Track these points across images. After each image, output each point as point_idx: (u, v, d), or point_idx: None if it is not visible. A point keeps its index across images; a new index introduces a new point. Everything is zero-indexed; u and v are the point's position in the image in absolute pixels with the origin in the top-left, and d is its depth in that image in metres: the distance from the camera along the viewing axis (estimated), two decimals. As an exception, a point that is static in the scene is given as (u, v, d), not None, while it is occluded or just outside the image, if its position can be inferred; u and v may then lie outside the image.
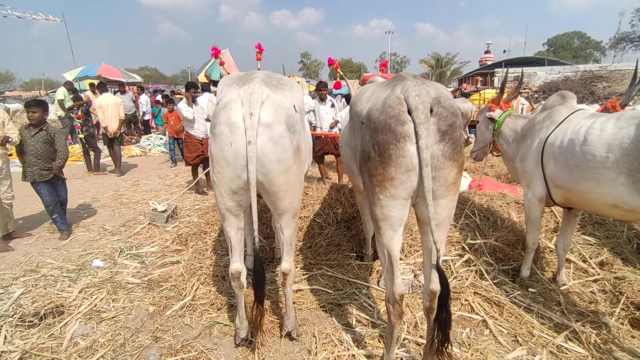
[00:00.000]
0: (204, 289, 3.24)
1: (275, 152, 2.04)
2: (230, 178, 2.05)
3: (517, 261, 3.46)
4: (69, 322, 2.78)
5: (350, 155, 2.61)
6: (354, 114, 2.30)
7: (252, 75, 2.19)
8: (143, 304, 3.05)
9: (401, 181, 1.84)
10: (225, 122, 2.00)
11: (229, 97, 2.05)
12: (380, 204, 1.92)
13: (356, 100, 2.31)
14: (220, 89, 2.24)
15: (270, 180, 2.07)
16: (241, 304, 2.42)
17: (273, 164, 2.05)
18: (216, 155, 2.04)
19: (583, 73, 18.12)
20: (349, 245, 3.89)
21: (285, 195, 2.17)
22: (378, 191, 1.91)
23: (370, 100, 2.09)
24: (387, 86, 2.05)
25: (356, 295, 3.12)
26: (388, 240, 1.98)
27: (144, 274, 3.55)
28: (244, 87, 2.05)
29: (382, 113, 1.87)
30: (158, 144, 11.15)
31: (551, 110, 2.98)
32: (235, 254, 2.30)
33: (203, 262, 3.64)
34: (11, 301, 3.01)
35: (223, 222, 2.28)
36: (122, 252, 3.99)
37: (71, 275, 3.47)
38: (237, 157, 2.00)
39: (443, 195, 1.89)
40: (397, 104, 1.83)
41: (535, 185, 2.96)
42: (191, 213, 5.33)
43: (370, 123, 1.95)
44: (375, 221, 2.00)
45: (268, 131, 2.02)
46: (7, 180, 4.22)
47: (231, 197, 2.13)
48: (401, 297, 1.99)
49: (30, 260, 3.84)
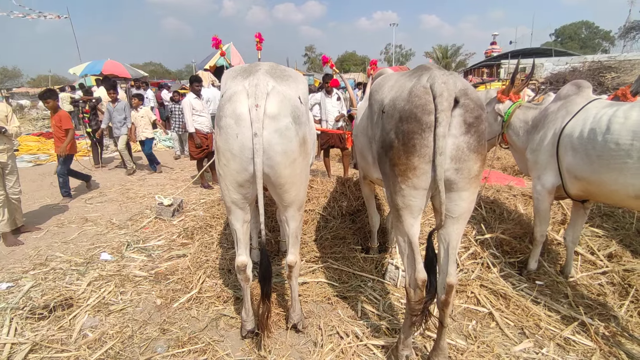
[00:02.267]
0: (210, 282, 3.26)
1: (281, 144, 2.03)
2: (236, 170, 2.05)
3: (524, 254, 3.44)
4: (78, 314, 2.82)
5: (366, 144, 2.59)
6: (374, 102, 2.28)
7: (257, 67, 2.16)
8: (150, 297, 3.08)
9: (424, 171, 1.83)
10: (231, 114, 1.98)
11: (234, 89, 2.03)
12: (402, 193, 1.92)
13: (377, 88, 2.28)
14: (224, 81, 2.22)
15: (276, 173, 2.06)
16: (247, 296, 2.43)
17: (279, 156, 2.04)
18: (222, 148, 2.04)
19: (591, 64, 17.81)
20: (354, 238, 3.89)
21: (292, 187, 2.17)
22: (400, 180, 1.90)
23: (394, 89, 2.07)
24: (412, 75, 2.03)
25: (362, 288, 3.12)
26: (409, 227, 1.99)
27: (150, 267, 3.58)
28: (249, 79, 2.03)
29: (407, 102, 1.85)
30: (164, 138, 11.19)
31: (566, 100, 2.92)
32: (241, 247, 2.31)
33: (209, 256, 3.66)
34: (21, 294, 3.05)
35: (229, 214, 2.27)
36: (130, 246, 4.03)
37: (79, 269, 3.51)
38: (243, 149, 1.99)
39: (465, 188, 1.88)
40: (424, 93, 1.82)
41: (547, 177, 2.92)
42: (197, 207, 5.35)
43: (394, 112, 1.94)
44: (396, 210, 2.00)
45: (274, 123, 2.00)
46: (13, 176, 4.25)
47: (237, 190, 2.12)
48: (423, 282, 1.99)
49: (40, 254, 3.88)
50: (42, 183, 6.90)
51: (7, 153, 4.14)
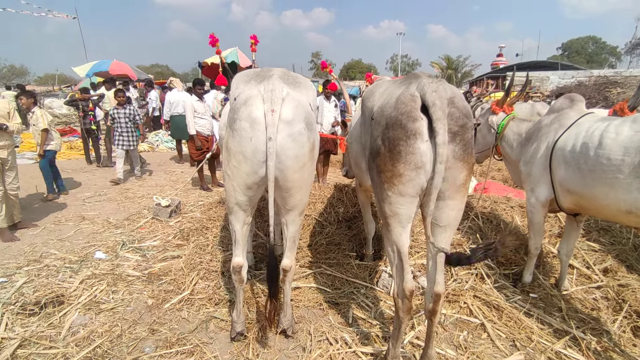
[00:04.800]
0: (203, 284, 3.25)
1: (293, 149, 2.06)
2: (246, 173, 2.07)
3: (519, 266, 3.42)
4: (68, 312, 2.82)
5: (359, 151, 2.61)
6: (365, 109, 2.31)
7: (269, 72, 2.19)
8: (142, 297, 3.07)
9: (409, 178, 1.84)
10: (246, 117, 2.01)
11: (249, 93, 2.06)
12: (389, 200, 1.92)
13: (368, 96, 2.31)
14: (235, 85, 2.24)
15: (285, 176, 2.08)
16: (240, 297, 2.44)
17: (290, 160, 2.06)
18: (234, 150, 2.05)
19: (597, 78, 17.83)
20: (349, 244, 3.88)
21: (298, 191, 2.19)
22: (387, 188, 1.91)
23: (383, 96, 2.10)
24: (401, 84, 2.05)
25: (354, 295, 3.11)
26: (397, 236, 1.98)
27: (144, 267, 3.58)
28: (264, 84, 2.06)
29: (394, 109, 1.87)
30: (166, 140, 11.24)
31: (559, 113, 2.93)
32: (238, 248, 2.32)
33: (203, 257, 3.66)
34: (14, 290, 3.06)
35: (230, 215, 2.28)
36: (125, 245, 4.03)
37: (73, 267, 3.52)
38: (256, 152, 2.01)
39: (452, 197, 1.89)
40: (410, 100, 1.83)
41: (540, 189, 2.91)
42: (195, 209, 5.36)
43: (381, 119, 1.96)
44: (384, 218, 2.01)
45: (288, 128, 2.03)
46: (12, 172, 4.29)
47: (244, 192, 2.14)
48: (411, 293, 1.99)
49: (35, 251, 3.89)
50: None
51: (8, 149, 4.17)
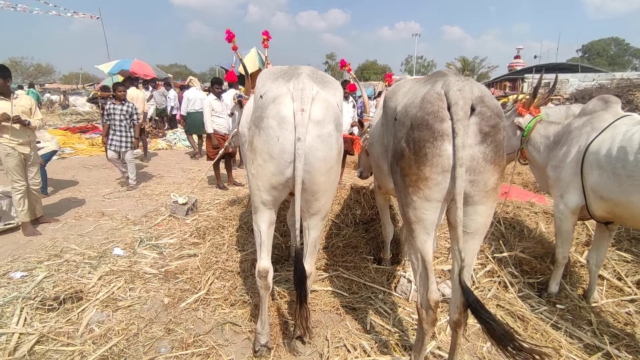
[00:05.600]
0: (219, 284, 3.23)
1: (322, 150, 1.99)
2: (272, 173, 2.01)
3: (545, 275, 3.28)
4: (86, 308, 2.83)
5: (381, 152, 2.52)
6: (388, 109, 2.23)
7: (297, 70, 2.13)
8: (158, 295, 3.06)
9: (436, 182, 1.75)
10: (274, 115, 1.95)
11: (278, 91, 1.99)
12: (414, 205, 1.84)
13: (391, 95, 2.23)
14: (262, 82, 2.17)
15: (312, 179, 2.01)
16: (265, 306, 2.35)
17: (318, 162, 2.00)
18: (260, 149, 2.00)
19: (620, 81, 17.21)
20: (366, 247, 3.80)
21: (323, 195, 2.12)
22: (411, 192, 1.83)
23: (407, 95, 2.01)
24: (426, 82, 1.97)
25: (372, 300, 3.03)
26: (421, 243, 1.90)
27: (161, 265, 3.58)
28: (293, 82, 2.00)
29: (419, 109, 1.79)
30: (183, 138, 11.36)
31: (592, 116, 2.78)
32: (264, 251, 2.24)
33: (219, 257, 3.64)
34: (34, 284, 3.09)
35: (255, 214, 2.22)
36: (142, 242, 4.05)
37: (92, 262, 3.55)
38: (283, 152, 1.95)
39: (481, 202, 1.79)
40: (437, 99, 1.75)
41: (570, 195, 2.77)
42: (211, 207, 5.37)
43: (405, 119, 1.87)
44: (408, 224, 1.92)
45: (318, 128, 1.97)
46: (35, 167, 4.37)
47: (269, 192, 2.09)
48: (436, 303, 1.90)
49: (55, 245, 3.95)
50: (64, 176, 7.08)
51: (30, 145, 4.25)
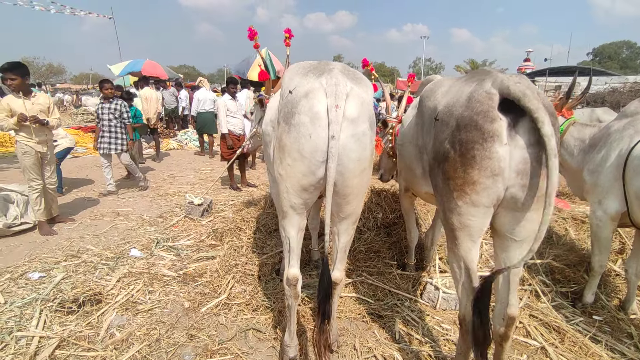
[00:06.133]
0: (239, 288, 3.14)
1: (356, 151, 1.87)
2: (302, 173, 1.88)
3: (578, 284, 3.14)
4: (106, 311, 2.75)
5: (414, 154, 2.41)
6: (425, 109, 2.12)
7: (328, 65, 2.01)
8: (178, 299, 2.98)
9: (485, 186, 1.64)
10: (307, 111, 1.82)
11: (309, 86, 1.87)
12: (459, 211, 1.73)
13: (428, 94, 2.12)
14: (290, 77, 2.05)
15: (345, 181, 1.89)
16: (293, 317, 2.23)
17: (352, 163, 1.88)
18: (289, 147, 1.87)
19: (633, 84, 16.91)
20: (389, 252, 3.69)
21: (355, 198, 2.01)
22: (456, 197, 1.72)
23: (448, 94, 1.90)
24: (469, 80, 1.86)
25: (398, 307, 2.92)
26: (465, 251, 1.78)
27: (179, 268, 3.51)
28: (325, 77, 1.88)
29: (466, 108, 1.68)
30: (194, 138, 11.35)
31: (634, 118, 2.65)
32: (294, 258, 2.12)
33: (238, 260, 3.55)
34: (52, 285, 3.03)
35: (283, 220, 2.10)
36: (159, 244, 3.98)
37: (109, 264, 3.48)
38: (315, 151, 1.83)
39: (534, 207, 1.67)
40: (487, 98, 1.64)
41: (609, 201, 2.64)
42: (226, 208, 5.29)
43: (449, 119, 1.77)
44: (451, 230, 1.81)
45: (352, 127, 1.85)
46: (51, 166, 4.32)
47: (299, 194, 1.96)
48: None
49: (72, 246, 3.90)
50: (78, 175, 7.07)
51: (47, 144, 4.21)
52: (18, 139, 3.97)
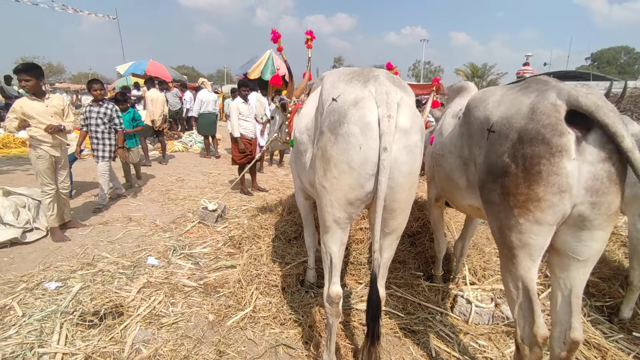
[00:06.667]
0: (264, 300, 3.03)
1: (407, 163, 1.78)
2: (349, 186, 1.79)
3: (614, 298, 3.05)
4: (129, 325, 2.64)
5: (457, 165, 2.31)
6: (474, 119, 2.02)
7: (372, 72, 1.92)
8: (202, 311, 2.87)
9: (550, 203, 1.55)
10: (357, 121, 1.73)
11: (358, 94, 1.78)
12: (519, 229, 1.64)
13: (477, 104, 2.03)
14: (331, 84, 1.96)
15: (393, 195, 1.80)
16: (333, 336, 2.14)
17: (402, 177, 1.79)
18: (337, 158, 1.78)
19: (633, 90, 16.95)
20: (414, 263, 3.59)
21: (402, 213, 1.91)
22: (517, 214, 1.62)
23: (503, 104, 1.81)
24: (526, 90, 1.77)
25: (430, 322, 2.83)
26: (525, 271, 1.69)
27: (199, 277, 3.39)
28: (373, 85, 1.79)
29: (531, 121, 1.59)
30: (199, 140, 11.22)
31: None
32: (336, 274, 2.03)
33: (260, 269, 3.44)
34: (70, 296, 2.91)
35: (325, 234, 1.99)
36: (175, 251, 3.87)
37: (127, 272, 3.36)
38: (365, 163, 1.74)
39: (602, 226, 1.59)
40: (553, 111, 1.55)
41: (652, 214, 2.56)
42: (239, 214, 5.19)
43: (509, 132, 1.68)
44: (509, 248, 1.72)
45: (405, 138, 1.76)
46: (65, 170, 4.20)
47: (344, 208, 1.87)
48: (544, 340, 1.70)
49: (86, 253, 3.77)
50: (85, 177, 6.93)
51: (62, 147, 4.09)
52: (32, 142, 3.84)
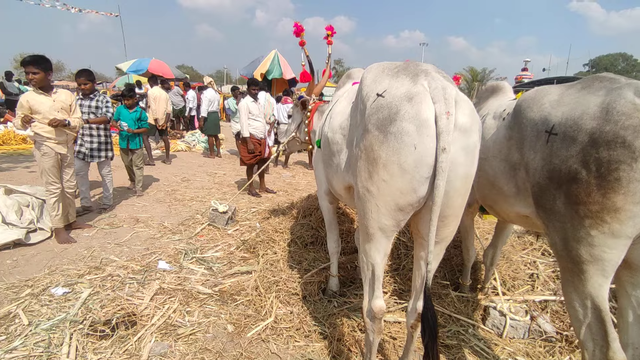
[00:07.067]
0: (285, 309, 2.85)
1: (465, 166, 1.60)
2: (400, 190, 1.60)
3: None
4: (143, 336, 2.45)
5: (503, 170, 2.15)
6: (527, 120, 1.86)
7: (419, 65, 1.74)
8: (220, 321, 2.69)
9: (631, 214, 1.39)
10: (412, 118, 1.54)
11: (409, 89, 1.60)
12: (591, 241, 1.47)
13: (529, 104, 1.87)
14: (373, 79, 1.79)
15: (448, 200, 1.61)
16: (374, 355, 1.97)
17: (459, 181, 1.60)
18: (386, 159, 1.59)
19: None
20: (439, 271, 3.42)
21: (455, 220, 1.73)
22: (589, 225, 1.46)
23: (564, 104, 1.66)
24: (592, 88, 1.61)
25: (462, 335, 2.66)
26: (595, 288, 1.52)
27: (213, 283, 3.21)
28: (425, 79, 1.61)
29: (606, 122, 1.43)
30: (202, 140, 11.04)
31: None
32: (379, 287, 1.85)
33: (278, 276, 3.26)
34: (79, 303, 2.72)
35: (367, 243, 1.81)
36: (187, 255, 3.69)
37: (137, 277, 3.18)
38: (419, 165, 1.55)
39: None
40: (634, 110, 1.39)
41: None
42: (249, 216, 5.01)
43: (577, 134, 1.52)
44: (577, 263, 1.55)
45: (464, 138, 1.57)
46: (70, 169, 4.02)
47: (392, 215, 1.68)
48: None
49: (93, 256, 3.58)
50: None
51: (68, 144, 3.90)
52: (37, 139, 3.65)
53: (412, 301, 2.02)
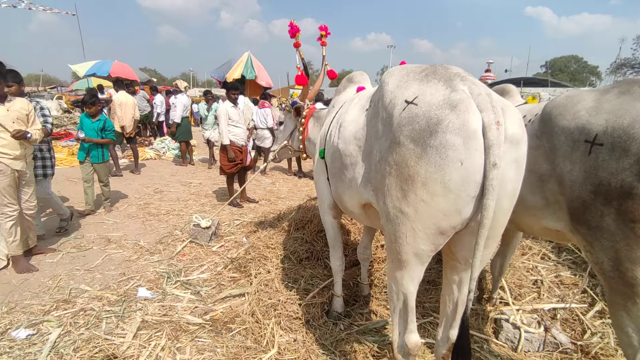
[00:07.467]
0: (287, 337, 2.59)
1: (514, 181, 1.43)
2: (443, 212, 1.40)
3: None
4: (129, 384, 2.12)
5: (528, 181, 2.01)
6: (558, 130, 1.73)
7: (450, 69, 1.54)
8: (216, 357, 2.39)
9: None
10: (458, 129, 1.33)
11: (449, 96, 1.39)
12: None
13: (561, 112, 1.73)
14: (398, 84, 1.59)
15: (493, 222, 1.41)
16: None
17: (507, 199, 1.43)
18: (426, 177, 1.38)
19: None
20: (443, 282, 3.28)
21: (495, 241, 1.56)
22: None
23: (605, 112, 1.53)
24: (635, 94, 1.49)
25: (477, 352, 2.52)
26: None
27: (203, 311, 2.89)
28: (463, 83, 1.41)
29: None
30: (173, 147, 10.47)
31: None
32: (413, 320, 1.65)
33: (275, 298, 2.98)
34: (47, 348, 2.33)
35: (398, 270, 1.60)
36: (169, 279, 3.33)
37: (115, 310, 2.80)
38: (466, 183, 1.35)
39: None
40: None
41: None
42: (233, 230, 4.68)
43: (629, 144, 1.39)
44: (629, 285, 1.42)
45: (514, 150, 1.39)
46: (30, 188, 3.52)
47: (431, 239, 1.47)
48: None
49: (60, 286, 3.15)
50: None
51: (26, 160, 3.42)
52: (-11, 154, 3.16)
53: (443, 329, 1.83)
